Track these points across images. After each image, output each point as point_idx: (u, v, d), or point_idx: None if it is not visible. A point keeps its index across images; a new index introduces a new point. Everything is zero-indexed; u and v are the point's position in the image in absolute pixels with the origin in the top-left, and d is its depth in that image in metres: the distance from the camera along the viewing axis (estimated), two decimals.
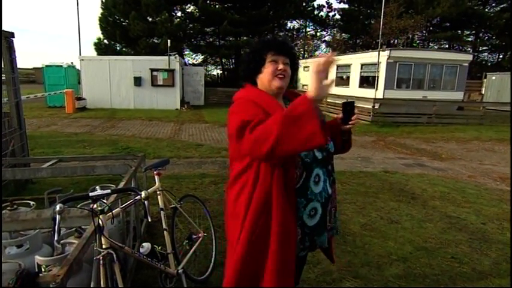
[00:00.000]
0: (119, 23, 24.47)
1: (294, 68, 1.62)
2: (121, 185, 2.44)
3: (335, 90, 16.71)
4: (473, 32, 30.23)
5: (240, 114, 1.39)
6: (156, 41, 23.66)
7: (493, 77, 20.62)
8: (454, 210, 4.34)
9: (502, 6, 27.60)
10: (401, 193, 4.99)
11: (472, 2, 26.51)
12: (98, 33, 39.63)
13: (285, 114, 1.22)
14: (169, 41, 17.24)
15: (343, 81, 16.90)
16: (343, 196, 4.66)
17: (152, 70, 15.93)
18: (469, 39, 30.62)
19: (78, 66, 16.55)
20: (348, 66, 16.27)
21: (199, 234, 2.78)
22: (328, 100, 15.98)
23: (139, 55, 19.10)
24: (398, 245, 3.34)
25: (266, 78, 1.53)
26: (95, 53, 24.00)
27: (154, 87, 16.18)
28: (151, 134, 9.86)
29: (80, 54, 16.44)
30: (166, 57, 16.15)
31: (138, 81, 15.94)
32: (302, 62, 22.36)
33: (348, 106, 1.58)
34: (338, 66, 17.14)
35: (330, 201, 1.56)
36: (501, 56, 30.54)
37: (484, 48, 30.97)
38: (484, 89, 21.19)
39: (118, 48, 25.43)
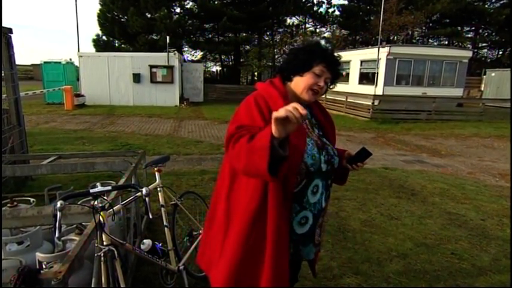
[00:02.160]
0: (118, 19, 24.37)
1: (328, 87, 1.54)
2: (121, 181, 2.43)
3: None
4: (473, 28, 30.17)
5: (236, 120, 1.38)
6: (155, 37, 23.60)
7: (493, 74, 20.62)
8: (454, 207, 4.35)
9: (502, 2, 27.53)
10: (401, 189, 4.99)
11: None
12: (96, 30, 39.40)
13: (249, 145, 1.18)
14: (168, 37, 17.19)
15: (342, 77, 16.89)
16: (343, 193, 4.66)
17: (151, 67, 15.89)
18: (469, 35, 30.59)
19: (76, 63, 16.50)
20: (348, 62, 16.24)
21: (200, 231, 2.78)
22: (328, 97, 15.97)
23: (138, 51, 19.04)
24: (399, 241, 3.35)
25: (302, 85, 1.45)
26: (93, 50, 23.91)
27: (154, 84, 16.15)
28: (150, 130, 9.85)
29: (79, 51, 16.37)
30: (165, 54, 16.10)
31: (137, 77, 15.90)
32: None
33: (364, 153, 1.54)
34: None
35: (322, 214, 1.53)
36: (501, 53, 30.53)
37: (484, 44, 30.95)
38: (483, 85, 21.19)
39: (117, 44, 25.35)
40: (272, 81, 1.52)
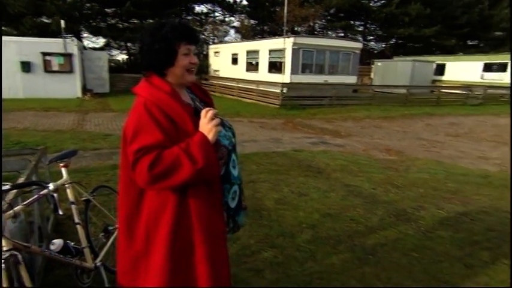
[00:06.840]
0: None
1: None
2: (20, 181, 2.20)
3: (246, 75, 17.14)
4: (362, 23, 33.98)
5: (140, 139, 1.29)
6: (46, 20, 20.75)
7: (379, 64, 23.70)
8: (352, 180, 5.00)
9: (382, 2, 31.55)
10: (309, 168, 5.51)
11: None
12: None
13: (200, 167, 1.28)
14: (62, 21, 15.31)
15: (252, 66, 17.38)
16: (257, 175, 4.94)
17: (44, 54, 14.03)
18: (360, 29, 34.36)
19: None
20: (257, 52, 16.78)
21: (116, 225, 2.69)
22: (240, 86, 16.34)
23: (24, 36, 16.56)
24: (307, 214, 3.74)
25: (179, 72, 1.41)
26: None
27: (49, 74, 14.32)
28: (48, 126, 8.81)
29: None
30: (61, 40, 14.36)
31: (26, 66, 13.89)
32: (212, 48, 22.26)
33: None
34: (248, 52, 17.55)
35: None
36: (383, 45, 35.12)
37: (371, 37, 35.19)
38: (372, 74, 24.20)
39: None
40: (151, 82, 1.42)
